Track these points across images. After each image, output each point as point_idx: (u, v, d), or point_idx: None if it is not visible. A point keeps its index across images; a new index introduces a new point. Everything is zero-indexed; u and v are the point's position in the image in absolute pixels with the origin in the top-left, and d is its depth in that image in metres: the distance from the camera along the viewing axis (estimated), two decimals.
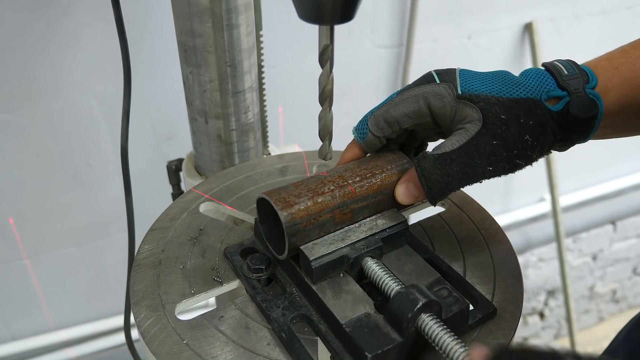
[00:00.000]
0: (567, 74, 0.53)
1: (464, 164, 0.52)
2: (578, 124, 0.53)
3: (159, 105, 1.26)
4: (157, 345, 0.50)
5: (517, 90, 0.53)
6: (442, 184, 0.53)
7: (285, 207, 0.52)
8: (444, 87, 0.55)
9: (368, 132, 0.58)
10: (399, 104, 0.56)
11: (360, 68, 1.43)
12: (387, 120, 0.57)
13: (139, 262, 0.59)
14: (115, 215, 1.36)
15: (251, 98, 0.82)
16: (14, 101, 1.14)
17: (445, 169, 0.52)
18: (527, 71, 0.56)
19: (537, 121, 0.52)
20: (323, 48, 0.50)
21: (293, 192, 0.54)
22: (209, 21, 0.72)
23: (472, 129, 0.52)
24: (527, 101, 0.53)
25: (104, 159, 1.28)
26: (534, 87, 0.53)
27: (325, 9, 0.45)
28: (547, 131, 0.53)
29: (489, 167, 0.52)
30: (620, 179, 2.16)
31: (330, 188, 0.55)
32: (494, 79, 0.55)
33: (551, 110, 0.53)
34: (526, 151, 0.53)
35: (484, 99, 0.53)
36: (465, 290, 0.56)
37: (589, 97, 0.53)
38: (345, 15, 0.46)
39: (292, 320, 0.53)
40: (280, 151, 0.99)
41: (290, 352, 0.50)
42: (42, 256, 1.36)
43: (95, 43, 1.13)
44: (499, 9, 1.54)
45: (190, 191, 0.72)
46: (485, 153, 0.52)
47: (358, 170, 0.57)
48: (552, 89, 0.53)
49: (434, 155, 0.53)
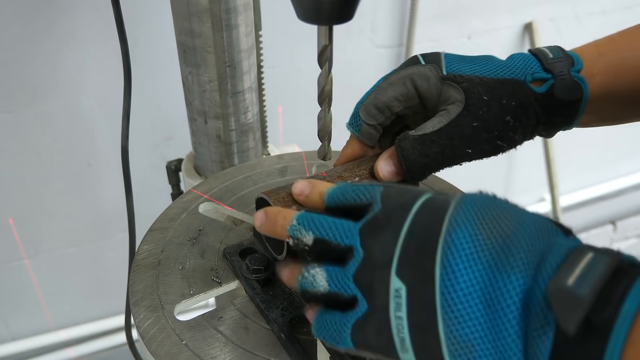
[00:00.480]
0: (553, 57, 0.54)
1: (444, 146, 0.52)
2: (563, 107, 0.54)
3: (158, 105, 1.26)
4: (157, 346, 0.50)
5: (502, 71, 0.54)
6: (421, 164, 0.53)
7: (284, 206, 0.52)
8: (429, 67, 0.55)
9: (362, 123, 0.57)
10: (386, 88, 0.56)
11: (360, 68, 1.43)
12: (377, 106, 0.56)
13: (138, 262, 0.59)
14: (115, 215, 1.36)
15: (250, 98, 0.82)
16: (14, 101, 1.14)
17: (424, 150, 0.52)
18: (513, 55, 0.56)
19: (520, 102, 0.53)
20: (322, 48, 0.50)
21: (290, 190, 0.54)
22: (208, 21, 0.72)
23: (453, 111, 0.52)
24: (511, 82, 0.53)
25: (104, 159, 1.28)
26: (519, 68, 0.54)
27: (324, 10, 0.45)
28: (529, 112, 0.53)
29: (468, 149, 0.52)
30: (620, 179, 2.16)
31: None
32: (480, 60, 0.55)
33: (535, 92, 0.53)
34: (507, 132, 0.53)
35: (468, 79, 0.53)
36: None
37: (573, 80, 0.53)
38: (344, 15, 0.46)
39: (292, 321, 0.53)
40: (279, 151, 0.99)
41: (289, 352, 0.50)
42: (42, 256, 1.36)
43: (95, 43, 1.13)
44: (499, 9, 1.54)
45: (189, 191, 0.71)
46: (465, 135, 0.52)
47: (357, 170, 0.57)
48: (536, 71, 0.54)
49: (414, 136, 0.53)
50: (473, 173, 1.80)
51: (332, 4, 0.44)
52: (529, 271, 0.33)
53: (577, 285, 0.30)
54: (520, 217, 0.36)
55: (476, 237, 0.35)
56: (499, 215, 0.36)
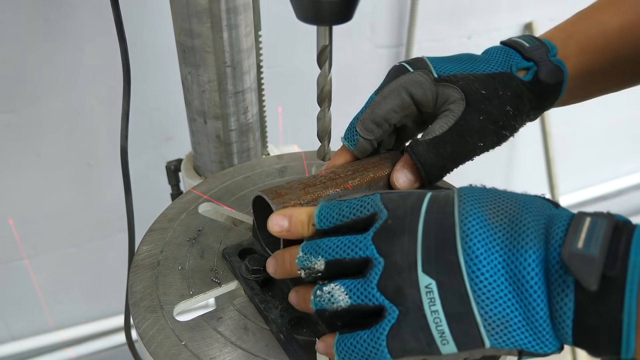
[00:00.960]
0: (529, 46, 0.56)
1: (457, 144, 0.53)
2: (549, 90, 0.56)
3: (158, 105, 1.26)
4: (156, 347, 0.50)
5: (488, 66, 0.55)
6: (439, 166, 0.53)
7: (276, 197, 0.53)
8: (420, 73, 0.55)
9: (358, 138, 0.57)
10: (381, 102, 0.56)
11: (360, 68, 1.43)
12: (374, 121, 0.56)
13: (138, 263, 0.59)
14: (115, 215, 1.36)
15: (250, 98, 0.82)
16: (14, 101, 1.14)
17: (439, 152, 0.53)
18: (490, 49, 0.58)
19: (514, 92, 0.54)
20: (321, 48, 0.50)
21: (284, 186, 0.55)
22: (207, 21, 0.72)
23: (457, 109, 0.53)
24: (500, 75, 0.55)
25: (104, 159, 1.28)
26: (502, 61, 0.56)
27: (323, 10, 0.45)
28: (524, 100, 0.55)
29: (479, 142, 0.53)
30: (620, 179, 2.16)
31: (322, 180, 0.55)
32: (463, 59, 0.57)
33: (524, 81, 0.55)
34: (509, 121, 0.54)
35: (462, 78, 0.54)
36: None
37: (554, 64, 0.55)
38: (343, 16, 0.46)
39: (291, 322, 0.53)
40: (279, 151, 0.99)
41: (288, 353, 0.50)
42: (42, 256, 1.36)
43: (95, 43, 1.13)
44: (499, 9, 1.53)
45: (189, 192, 0.71)
46: (475, 129, 0.53)
47: (350, 166, 0.58)
48: (519, 62, 0.56)
49: (425, 140, 0.53)
50: (473, 173, 1.80)
51: (332, 4, 0.44)
52: (540, 243, 0.36)
53: (586, 247, 0.33)
54: (517, 198, 0.39)
55: (487, 222, 0.38)
56: (499, 200, 0.39)
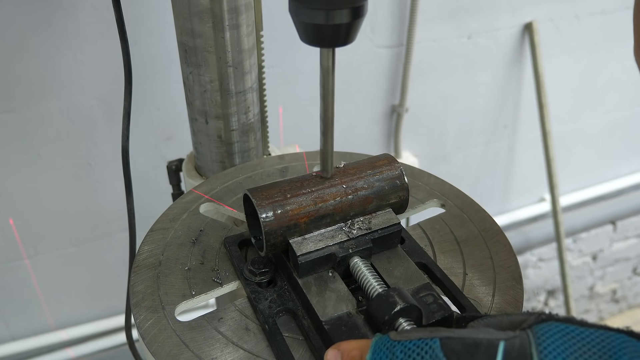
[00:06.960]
0: None
1: None
2: None
3: (159, 105, 1.26)
4: (157, 347, 0.50)
5: None
6: None
7: (269, 203, 0.53)
8: None
9: None
10: None
11: (360, 68, 1.43)
12: None
13: (139, 263, 0.59)
14: (115, 216, 1.36)
15: (251, 98, 0.82)
16: (14, 101, 1.14)
17: None
18: None
19: None
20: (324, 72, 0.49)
21: (271, 187, 0.55)
22: (209, 21, 0.72)
23: None
24: None
25: (104, 159, 1.28)
26: None
27: (327, 33, 0.46)
28: None
29: None
30: (620, 179, 2.16)
31: (311, 183, 0.56)
32: None
33: None
34: None
35: None
36: (455, 298, 0.56)
37: None
38: (345, 38, 0.47)
39: (278, 314, 0.53)
40: (280, 152, 0.99)
41: (272, 344, 0.50)
42: (42, 256, 1.36)
43: (95, 43, 1.13)
44: (499, 9, 1.53)
45: (190, 192, 0.71)
46: None
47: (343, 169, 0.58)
48: None
49: None
50: (473, 173, 1.80)
51: (335, 27, 0.45)
52: None
53: None
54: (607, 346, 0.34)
55: None
56: (586, 352, 0.34)
